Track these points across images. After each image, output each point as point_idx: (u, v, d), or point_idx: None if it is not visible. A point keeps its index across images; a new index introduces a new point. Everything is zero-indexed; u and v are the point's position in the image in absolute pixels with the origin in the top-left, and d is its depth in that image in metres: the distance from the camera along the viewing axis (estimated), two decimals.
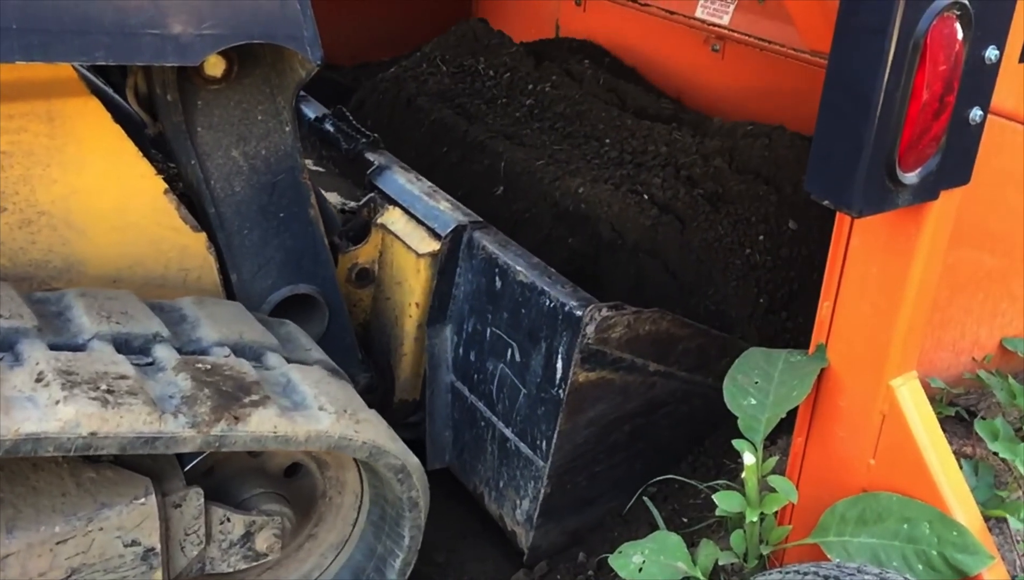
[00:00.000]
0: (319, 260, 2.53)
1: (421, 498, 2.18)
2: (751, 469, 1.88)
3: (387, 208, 2.74)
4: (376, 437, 2.03)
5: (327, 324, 2.60)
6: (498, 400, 2.53)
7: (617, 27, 3.80)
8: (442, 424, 2.73)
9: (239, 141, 2.32)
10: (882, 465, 1.86)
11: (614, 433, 2.44)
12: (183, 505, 1.95)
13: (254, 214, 2.39)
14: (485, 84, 3.59)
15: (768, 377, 1.96)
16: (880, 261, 1.75)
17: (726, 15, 3.39)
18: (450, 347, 2.69)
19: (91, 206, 2.19)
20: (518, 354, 2.44)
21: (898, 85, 1.48)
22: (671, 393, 2.48)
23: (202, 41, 1.97)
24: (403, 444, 2.14)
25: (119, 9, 1.89)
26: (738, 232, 2.76)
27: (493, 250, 2.53)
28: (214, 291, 2.39)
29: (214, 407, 1.83)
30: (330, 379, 2.13)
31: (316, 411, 1.97)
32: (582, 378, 2.28)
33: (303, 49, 2.09)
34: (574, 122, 3.31)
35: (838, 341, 1.88)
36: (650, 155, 3.07)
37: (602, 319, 2.22)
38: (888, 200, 1.59)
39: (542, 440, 2.39)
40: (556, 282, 2.40)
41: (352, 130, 3.10)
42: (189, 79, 2.20)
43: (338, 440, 1.96)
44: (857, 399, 1.87)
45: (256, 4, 2.02)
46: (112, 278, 2.26)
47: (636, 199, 2.85)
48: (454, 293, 2.66)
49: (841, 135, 1.54)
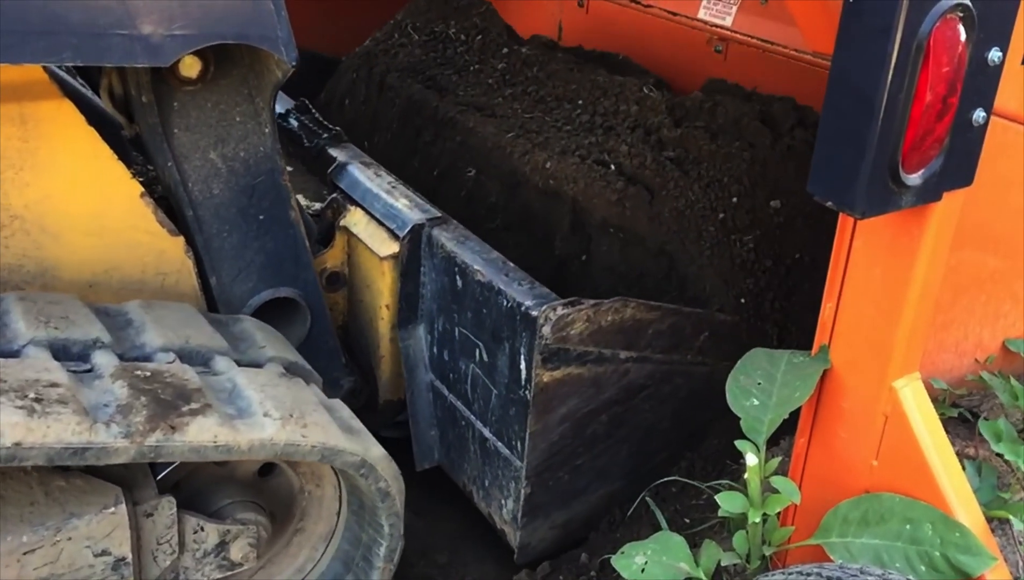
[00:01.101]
0: (300, 263, 2.48)
1: (392, 487, 2.11)
2: (754, 470, 1.88)
3: (349, 209, 2.67)
4: (326, 439, 1.95)
5: (309, 327, 2.55)
6: (474, 400, 2.48)
7: (620, 28, 3.78)
8: (426, 424, 2.68)
9: (217, 143, 2.26)
10: (885, 466, 1.85)
11: (591, 425, 2.38)
12: (155, 514, 1.91)
13: (233, 217, 2.34)
14: (457, 50, 3.49)
15: (771, 378, 1.95)
16: (883, 262, 1.73)
17: (729, 16, 3.38)
18: (425, 346, 2.64)
19: (65, 210, 2.14)
20: (485, 354, 2.39)
21: (901, 87, 1.47)
22: (648, 376, 2.41)
23: (173, 42, 1.92)
24: (364, 438, 2.06)
25: (87, 9, 1.84)
26: (710, 196, 2.66)
27: (451, 248, 2.46)
28: (192, 295, 2.34)
29: (150, 416, 1.76)
30: (279, 381, 2.05)
31: (260, 418, 1.89)
32: (547, 378, 2.22)
33: (277, 50, 2.04)
34: (546, 84, 3.21)
35: (841, 342, 1.86)
36: (621, 116, 2.96)
37: (558, 318, 2.15)
38: (891, 201, 1.58)
39: (516, 441, 2.34)
40: (513, 280, 2.32)
41: (315, 125, 3.02)
42: (164, 80, 2.14)
43: (284, 447, 1.89)
44: (860, 400, 1.85)
45: (228, 4, 1.97)
46: (88, 283, 2.21)
47: (602, 172, 2.74)
48: (422, 293, 2.60)
49: (844, 136, 1.53)
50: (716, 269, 2.56)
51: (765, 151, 2.75)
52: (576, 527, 2.56)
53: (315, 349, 2.58)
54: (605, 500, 2.57)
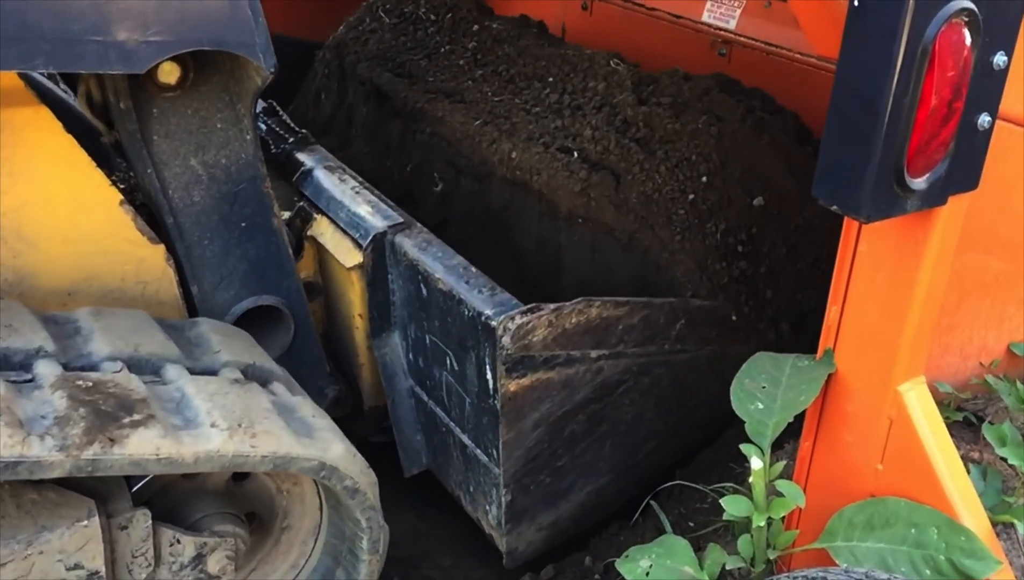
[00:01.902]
0: (283, 270, 2.45)
1: (360, 482, 2.06)
2: (758, 474, 1.87)
3: (315, 217, 2.63)
4: (278, 447, 1.89)
5: (293, 336, 2.52)
6: (451, 406, 2.44)
7: (623, 31, 3.76)
8: (410, 430, 2.64)
9: (198, 150, 2.23)
10: (890, 470, 1.83)
11: (569, 426, 2.34)
12: (130, 527, 1.87)
13: (215, 224, 2.31)
14: (428, 31, 3.42)
15: (775, 382, 1.95)
16: (888, 266, 1.72)
17: (732, 19, 3.37)
18: (402, 352, 2.60)
19: (43, 218, 2.11)
20: (455, 363, 2.34)
21: (907, 91, 1.46)
22: (624, 371, 2.37)
23: (148, 48, 1.89)
24: (323, 439, 2.00)
25: (59, 15, 1.80)
26: (678, 177, 2.57)
27: (414, 255, 2.41)
28: (173, 303, 2.31)
29: (88, 429, 1.70)
30: (231, 388, 1.98)
31: (207, 429, 1.83)
32: (513, 387, 2.17)
33: (255, 56, 2.01)
34: (516, 62, 3.13)
35: (846, 346, 1.85)
36: (589, 93, 2.88)
37: (517, 327, 2.10)
38: (896, 205, 1.57)
39: (492, 448, 2.29)
40: (473, 287, 2.27)
41: (282, 128, 2.96)
42: (143, 86, 2.11)
43: (232, 458, 1.83)
44: (865, 404, 1.84)
45: (205, 10, 1.94)
46: (67, 291, 2.18)
47: (566, 160, 2.66)
48: (392, 300, 2.56)
49: (849, 140, 1.53)
50: (689, 254, 2.49)
51: (734, 124, 2.66)
52: (566, 526, 2.53)
53: (299, 357, 2.56)
54: (593, 496, 2.53)
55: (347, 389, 2.73)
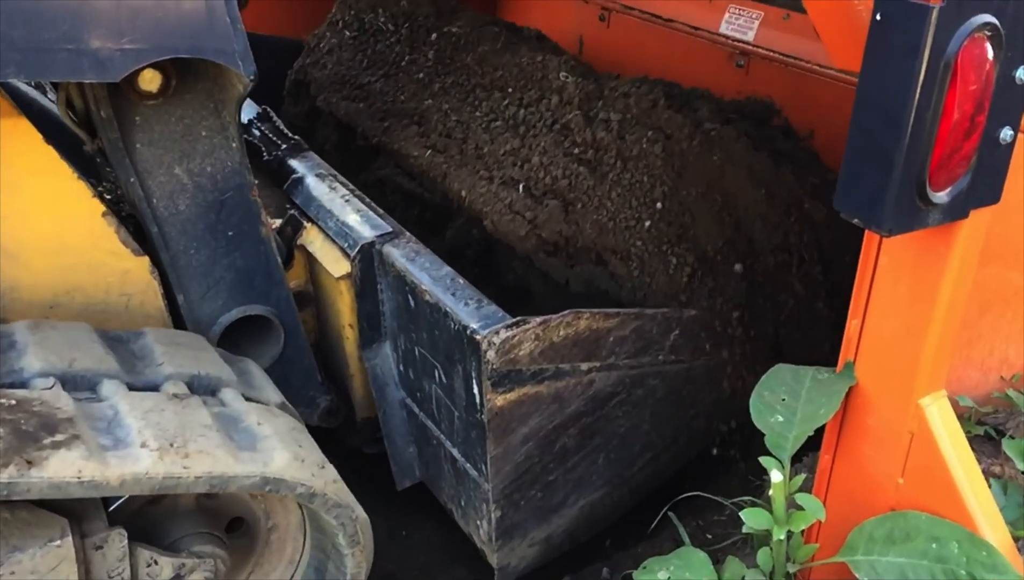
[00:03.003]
0: (272, 280, 2.40)
1: (315, 484, 1.96)
2: (779, 487, 1.86)
3: (306, 226, 2.59)
4: (213, 467, 1.80)
5: (283, 345, 2.48)
6: (440, 419, 2.39)
7: (641, 43, 3.75)
8: (402, 442, 2.60)
9: (182, 158, 2.19)
10: (911, 484, 1.82)
11: (560, 439, 2.28)
12: (105, 547, 1.81)
13: (201, 233, 2.26)
14: (388, 43, 3.32)
15: (795, 394, 1.94)
16: (909, 279, 1.71)
17: (751, 31, 3.35)
18: (393, 363, 2.56)
19: (24, 230, 2.07)
20: (443, 376, 2.29)
21: (929, 105, 1.45)
22: (617, 383, 2.31)
23: (123, 56, 1.84)
24: (265, 451, 1.91)
25: (31, 23, 1.76)
26: (631, 204, 2.46)
27: (402, 266, 2.36)
28: (158, 315, 2.27)
29: (4, 450, 1.61)
30: (167, 405, 1.90)
31: (136, 449, 1.74)
32: (500, 402, 2.12)
33: (234, 64, 1.97)
34: (475, 72, 3.03)
35: (866, 359, 1.83)
36: (542, 108, 2.75)
37: (502, 342, 2.05)
38: (918, 219, 1.56)
39: (480, 463, 2.24)
40: (460, 299, 2.21)
41: (275, 135, 2.92)
42: (124, 94, 2.06)
43: (163, 481, 1.74)
44: (885, 418, 1.82)
45: (181, 18, 1.89)
46: (49, 305, 2.14)
47: (510, 200, 2.57)
48: (382, 310, 2.51)
49: (871, 154, 1.52)
50: (654, 286, 2.42)
51: (683, 142, 2.53)
52: (559, 540, 2.48)
53: (290, 367, 2.52)
54: (587, 510, 2.48)
55: (339, 400, 2.69)
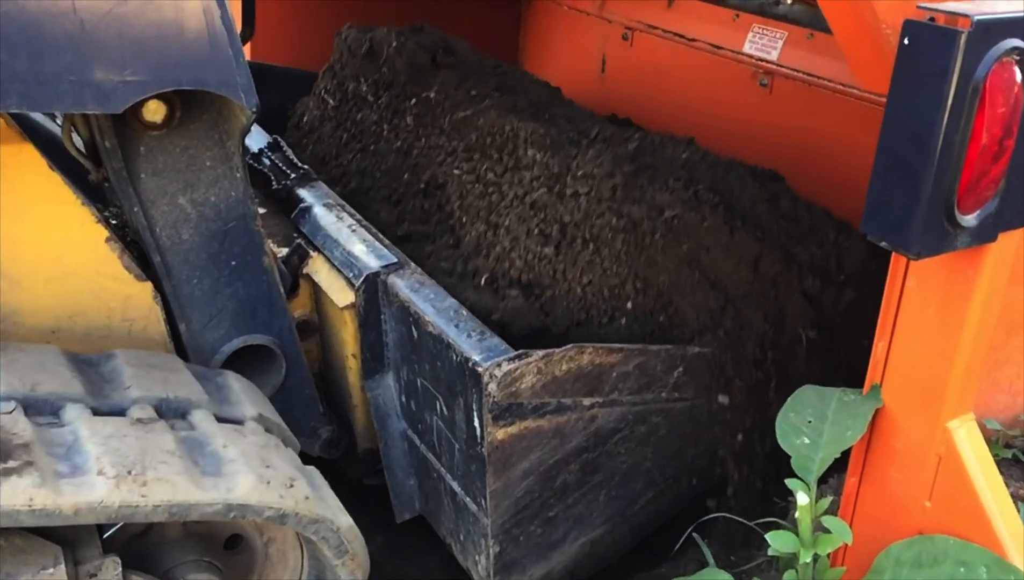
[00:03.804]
0: (274, 309, 2.40)
1: (285, 507, 1.91)
2: (805, 509, 1.86)
3: (312, 255, 2.59)
4: (173, 495, 1.75)
5: (284, 375, 2.47)
6: (441, 452, 2.37)
7: (664, 62, 3.75)
8: (403, 474, 2.58)
9: (186, 188, 2.19)
10: (938, 507, 1.82)
11: (560, 475, 2.26)
12: (98, 575, 1.80)
13: (204, 262, 2.27)
14: (369, 112, 3.28)
15: (822, 416, 1.94)
16: (937, 302, 1.71)
17: (775, 50, 3.34)
18: (395, 394, 2.54)
19: (27, 255, 2.08)
20: (444, 408, 2.27)
21: (957, 129, 1.47)
22: (619, 419, 2.28)
23: (125, 88, 1.85)
24: (229, 477, 1.86)
25: (34, 55, 1.77)
26: (603, 295, 2.41)
27: (406, 296, 2.36)
28: (160, 341, 2.27)
29: None
30: (130, 430, 1.85)
31: (92, 477, 1.70)
32: (501, 435, 2.10)
33: (236, 96, 1.98)
34: (453, 138, 2.98)
35: (893, 381, 1.83)
36: (516, 182, 2.69)
37: (504, 374, 2.03)
38: (946, 242, 1.57)
39: (480, 497, 2.21)
40: (463, 331, 2.20)
41: (284, 164, 2.93)
42: (128, 124, 2.08)
43: (120, 509, 1.70)
44: (913, 440, 1.82)
45: (184, 50, 1.91)
46: (51, 329, 2.15)
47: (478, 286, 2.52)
48: (385, 341, 2.50)
49: (899, 177, 1.53)
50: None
51: (647, 237, 2.41)
52: (558, 578, 2.44)
53: (291, 397, 2.51)
54: (588, 548, 2.45)
55: (341, 430, 2.68)
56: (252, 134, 3.01)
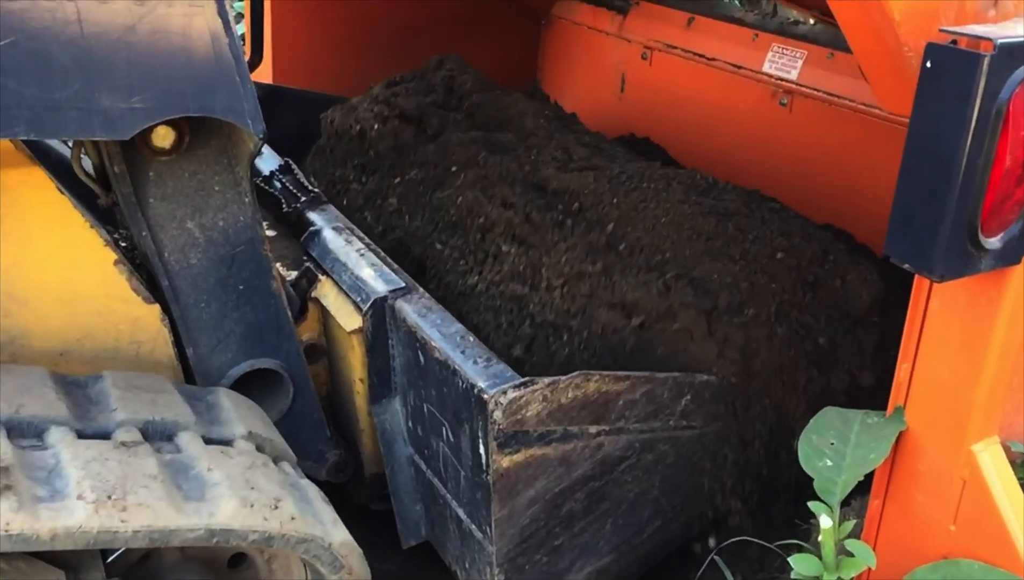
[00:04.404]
0: (282, 333, 2.40)
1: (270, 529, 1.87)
2: (828, 532, 1.85)
3: (320, 279, 2.59)
4: (153, 520, 1.72)
5: (292, 399, 2.47)
6: (447, 478, 2.35)
7: (683, 81, 3.74)
8: (409, 499, 2.57)
9: (195, 212, 2.20)
10: (963, 531, 1.80)
11: (566, 504, 2.24)
12: None
13: (212, 286, 2.28)
14: (356, 200, 3.20)
15: (844, 438, 1.93)
16: (960, 324, 1.71)
17: (795, 70, 3.34)
18: (402, 419, 2.53)
19: (36, 278, 2.09)
20: (450, 434, 2.26)
21: (980, 152, 1.47)
22: (626, 448, 2.26)
23: (133, 115, 1.86)
24: (211, 501, 1.82)
25: (41, 82, 1.78)
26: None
27: (413, 321, 2.34)
28: (168, 363, 2.27)
29: None
30: (112, 453, 1.81)
31: (72, 501, 1.67)
32: (506, 463, 2.08)
33: (244, 122, 1.99)
34: (440, 211, 2.93)
35: (917, 404, 1.83)
36: (492, 277, 2.67)
37: (509, 402, 2.02)
38: (970, 265, 1.57)
39: (485, 525, 2.20)
40: (469, 357, 2.18)
41: (295, 187, 2.94)
42: (137, 150, 2.09)
43: (99, 535, 1.67)
44: (937, 463, 1.82)
45: (191, 77, 1.92)
46: (59, 351, 2.15)
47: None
48: (393, 366, 2.49)
49: (922, 200, 1.53)
50: None
51: (616, 346, 2.39)
52: None
53: (299, 421, 2.51)
54: (594, 577, 2.42)
55: (349, 454, 2.68)
56: (264, 156, 3.10)
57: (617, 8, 4.11)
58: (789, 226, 2.69)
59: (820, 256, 2.59)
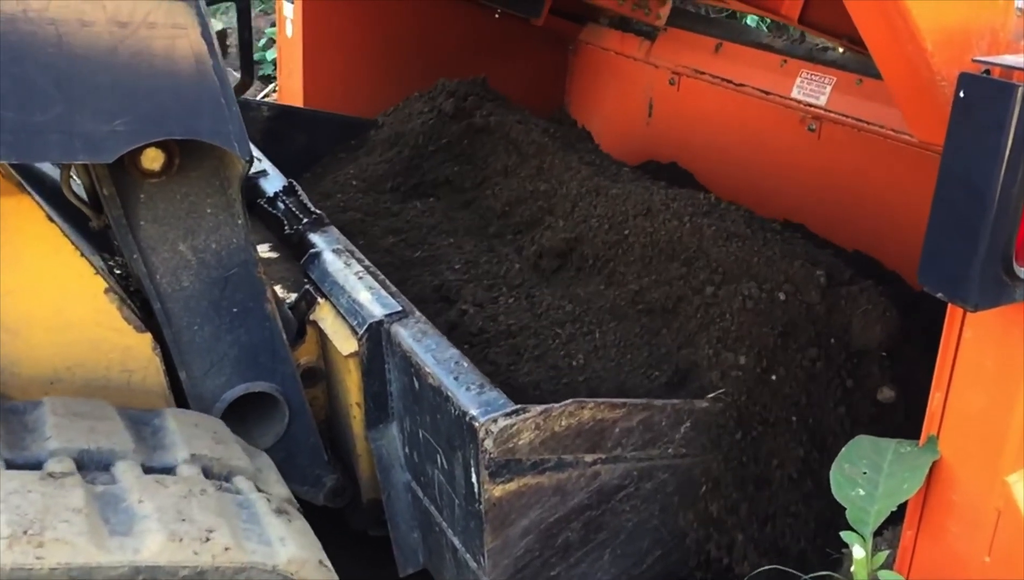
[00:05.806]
0: (277, 356, 2.38)
1: (202, 563, 1.75)
2: (861, 563, 1.82)
3: (319, 302, 2.55)
4: (72, 557, 1.62)
5: (288, 423, 2.44)
6: (443, 506, 2.31)
7: (711, 107, 3.73)
8: (406, 526, 2.52)
9: (187, 235, 2.18)
10: (997, 563, 1.78)
11: (562, 533, 2.19)
12: None
13: (204, 309, 2.25)
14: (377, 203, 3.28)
15: (877, 468, 1.90)
16: (994, 354, 1.69)
17: (823, 96, 3.31)
18: (399, 445, 2.49)
19: (26, 307, 2.08)
20: (444, 461, 2.22)
21: (1014, 181, 1.46)
22: (624, 476, 2.21)
23: (115, 137, 1.84)
24: (137, 536, 1.73)
25: (23, 105, 1.77)
26: None
27: (408, 346, 2.31)
28: (160, 392, 2.25)
29: None
30: (36, 485, 1.74)
31: None
32: (498, 492, 2.04)
33: (229, 145, 1.97)
34: (430, 274, 2.92)
35: (950, 433, 1.80)
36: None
37: (500, 430, 1.98)
38: (1004, 294, 1.56)
39: (479, 555, 2.15)
40: (462, 383, 2.14)
41: (298, 209, 2.92)
42: (127, 172, 2.07)
43: (11, 572, 1.58)
44: (971, 494, 1.79)
45: (175, 100, 1.90)
46: (49, 380, 2.14)
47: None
48: (389, 390, 2.45)
49: (956, 229, 1.53)
50: None
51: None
52: None
53: (295, 445, 2.49)
54: None
55: (346, 479, 2.65)
56: (269, 177, 3.11)
57: (645, 34, 4.11)
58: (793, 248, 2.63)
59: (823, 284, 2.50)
